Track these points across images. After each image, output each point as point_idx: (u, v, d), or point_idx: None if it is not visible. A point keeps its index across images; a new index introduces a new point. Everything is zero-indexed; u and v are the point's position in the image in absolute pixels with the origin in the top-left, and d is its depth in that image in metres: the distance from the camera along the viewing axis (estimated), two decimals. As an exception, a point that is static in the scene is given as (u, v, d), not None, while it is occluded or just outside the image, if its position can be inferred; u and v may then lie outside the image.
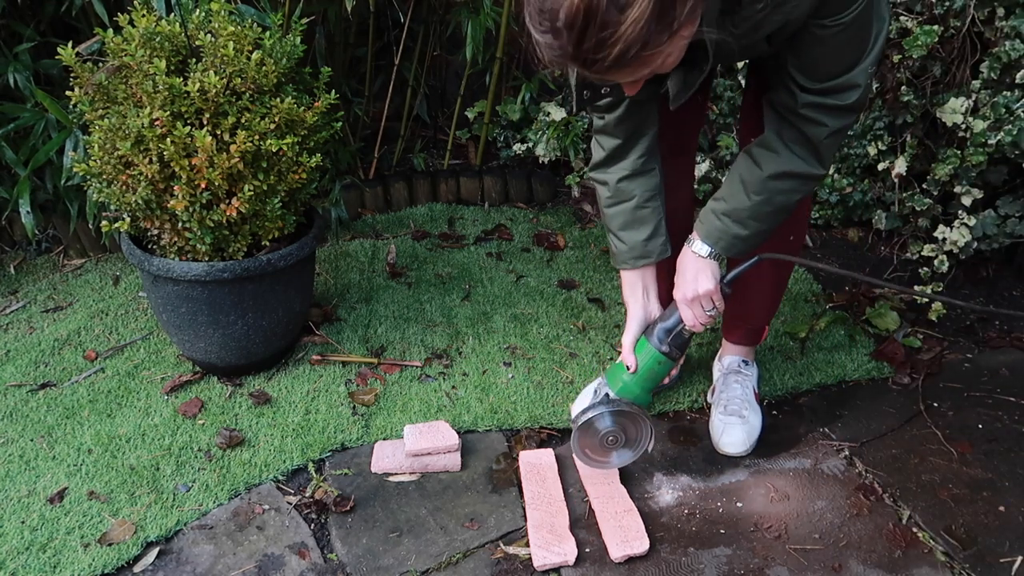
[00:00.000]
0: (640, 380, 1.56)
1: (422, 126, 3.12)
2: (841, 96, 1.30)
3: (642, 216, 1.53)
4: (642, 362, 1.55)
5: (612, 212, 1.55)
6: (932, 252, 2.16)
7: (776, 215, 1.44)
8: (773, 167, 1.39)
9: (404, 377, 1.98)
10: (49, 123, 2.19)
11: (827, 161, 1.39)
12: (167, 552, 1.53)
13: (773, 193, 1.41)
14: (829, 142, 1.35)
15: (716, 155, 2.66)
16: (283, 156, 1.76)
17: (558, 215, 2.79)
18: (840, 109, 1.31)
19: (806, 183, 1.41)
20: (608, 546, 1.51)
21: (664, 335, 1.54)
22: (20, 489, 1.65)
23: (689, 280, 1.49)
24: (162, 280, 1.80)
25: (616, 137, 1.48)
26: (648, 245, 1.54)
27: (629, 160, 1.50)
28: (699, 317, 1.51)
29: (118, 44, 1.73)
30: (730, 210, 1.45)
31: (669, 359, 1.55)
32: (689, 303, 1.50)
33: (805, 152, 1.37)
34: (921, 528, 1.56)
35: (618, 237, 1.56)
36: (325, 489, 1.66)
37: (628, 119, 1.45)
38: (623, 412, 1.55)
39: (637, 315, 1.58)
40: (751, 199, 1.42)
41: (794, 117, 1.35)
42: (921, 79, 2.14)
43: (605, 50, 1.00)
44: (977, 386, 1.94)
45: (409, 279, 2.39)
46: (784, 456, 1.74)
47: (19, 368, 2.00)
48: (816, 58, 1.28)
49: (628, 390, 1.57)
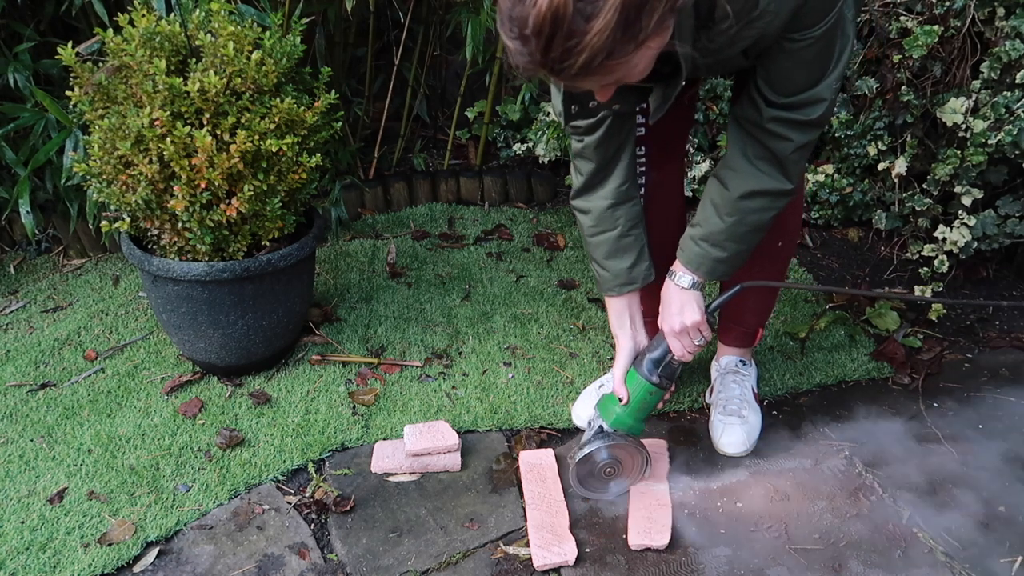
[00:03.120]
0: (632, 412, 1.58)
1: (422, 126, 3.12)
2: (806, 111, 1.30)
3: (626, 244, 1.54)
4: (634, 393, 1.56)
5: (595, 241, 1.56)
6: (932, 252, 2.16)
7: (752, 234, 1.45)
8: (741, 187, 1.40)
9: (404, 377, 1.98)
10: (49, 123, 2.19)
11: (794, 176, 1.39)
12: (167, 552, 1.53)
13: (745, 213, 1.42)
14: (795, 157, 1.36)
15: (716, 155, 2.66)
16: (283, 156, 1.76)
17: (558, 215, 2.79)
18: (805, 124, 1.32)
19: (776, 199, 1.41)
20: (629, 532, 1.53)
21: (653, 366, 1.55)
22: (20, 489, 1.65)
23: (675, 313, 1.51)
24: (162, 280, 1.80)
25: (592, 161, 1.48)
26: (632, 272, 1.56)
27: (609, 188, 1.50)
28: (687, 347, 1.52)
29: (118, 44, 1.73)
30: (706, 234, 1.46)
31: (660, 389, 1.56)
32: (677, 335, 1.52)
33: (771, 168, 1.38)
34: (921, 528, 1.56)
35: (602, 266, 1.57)
36: (325, 489, 1.66)
37: (606, 142, 1.45)
38: (619, 445, 1.57)
39: (626, 346, 1.59)
40: (724, 221, 1.43)
41: (759, 132, 1.35)
42: (921, 79, 2.14)
43: (572, 58, 1.01)
44: (977, 386, 1.94)
45: (409, 279, 2.39)
46: (784, 456, 1.74)
47: (19, 368, 2.00)
48: (783, 72, 1.28)
49: (621, 422, 1.58)
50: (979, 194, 2.10)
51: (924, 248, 2.19)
